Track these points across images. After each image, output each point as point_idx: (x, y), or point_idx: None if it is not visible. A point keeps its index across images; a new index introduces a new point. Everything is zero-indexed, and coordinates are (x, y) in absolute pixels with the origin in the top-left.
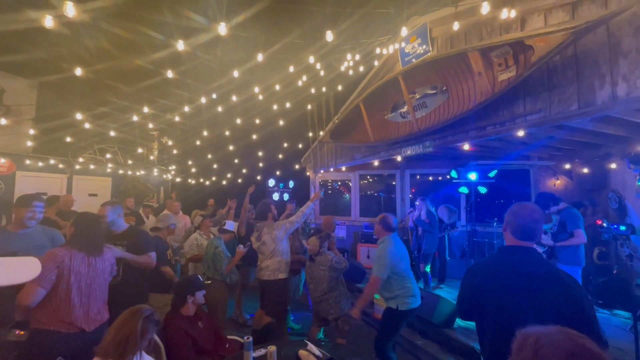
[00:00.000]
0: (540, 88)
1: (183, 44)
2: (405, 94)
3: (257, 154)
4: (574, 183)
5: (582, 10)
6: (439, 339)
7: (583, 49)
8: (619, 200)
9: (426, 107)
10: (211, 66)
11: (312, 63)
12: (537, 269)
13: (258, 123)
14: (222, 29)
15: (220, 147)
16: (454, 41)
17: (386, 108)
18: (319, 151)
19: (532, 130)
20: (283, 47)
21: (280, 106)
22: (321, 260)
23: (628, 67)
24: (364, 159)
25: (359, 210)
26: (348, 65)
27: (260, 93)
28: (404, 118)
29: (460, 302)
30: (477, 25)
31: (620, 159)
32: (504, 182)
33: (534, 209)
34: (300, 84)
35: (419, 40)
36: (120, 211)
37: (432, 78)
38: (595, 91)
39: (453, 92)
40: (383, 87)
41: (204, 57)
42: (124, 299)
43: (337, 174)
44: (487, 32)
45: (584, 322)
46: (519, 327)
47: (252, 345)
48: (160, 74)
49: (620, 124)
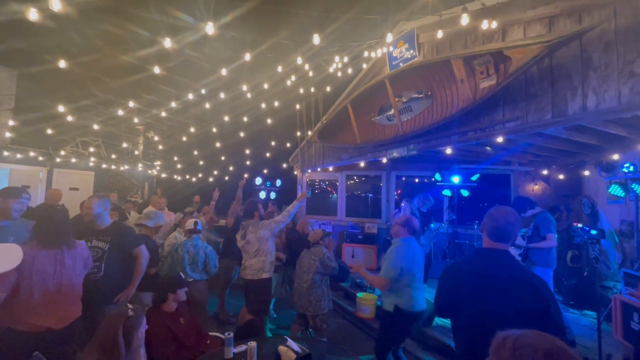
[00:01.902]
0: (518, 97)
1: (170, 41)
2: (391, 98)
3: (245, 151)
4: (551, 188)
5: (558, 25)
6: (418, 337)
7: (558, 62)
8: (592, 205)
9: (411, 111)
10: (199, 63)
11: (301, 64)
12: (508, 271)
13: (246, 121)
14: (209, 28)
15: (207, 144)
16: (439, 48)
17: (373, 110)
18: (307, 151)
19: (510, 136)
20: (271, 47)
21: (269, 105)
22: (315, 250)
23: (597, 81)
24: (350, 160)
25: (345, 210)
26: (337, 67)
27: (249, 91)
28: (390, 121)
29: (437, 301)
30: (462, 34)
31: (593, 166)
32: (486, 186)
33: (510, 212)
34: (289, 84)
35: (406, 45)
36: (107, 205)
37: (417, 83)
38: (568, 102)
39: (437, 97)
40: (370, 90)
41: (192, 55)
42: (107, 295)
43: (324, 174)
44: (471, 40)
45: (550, 322)
46: (489, 326)
47: (233, 341)
48: (147, 70)
49: (593, 133)
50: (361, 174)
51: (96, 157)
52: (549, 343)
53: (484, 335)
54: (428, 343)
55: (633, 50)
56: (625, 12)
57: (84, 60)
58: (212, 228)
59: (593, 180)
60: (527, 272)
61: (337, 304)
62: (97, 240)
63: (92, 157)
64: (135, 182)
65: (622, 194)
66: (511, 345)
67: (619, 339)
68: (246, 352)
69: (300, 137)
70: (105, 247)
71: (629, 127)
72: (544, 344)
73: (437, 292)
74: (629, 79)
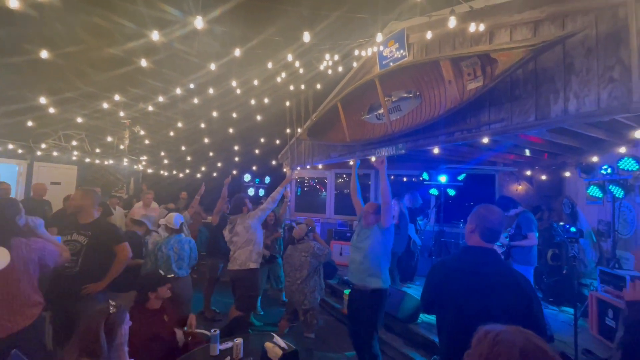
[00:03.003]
0: (504, 99)
1: (158, 35)
2: (381, 97)
3: (234, 148)
4: (534, 188)
5: (543, 29)
6: (403, 334)
7: (542, 65)
8: (572, 206)
9: (400, 111)
10: (187, 58)
11: (291, 61)
12: (494, 269)
13: (235, 117)
14: (198, 22)
15: (195, 139)
16: (429, 48)
17: (363, 109)
18: (296, 148)
19: (496, 137)
20: (261, 43)
21: (259, 101)
22: (304, 247)
23: (579, 85)
24: (340, 158)
25: (333, 208)
26: (327, 64)
27: (238, 87)
28: (379, 120)
29: (424, 297)
30: (450, 35)
31: (573, 168)
32: (472, 185)
33: (500, 213)
34: (279, 81)
35: (396, 45)
36: (95, 200)
37: (407, 83)
38: (551, 105)
39: (425, 97)
40: (361, 89)
41: (180, 49)
42: (81, 290)
43: (314, 171)
44: (459, 42)
45: (532, 319)
46: (474, 322)
47: (219, 338)
48: (134, 63)
49: (574, 135)
50: (350, 172)
51: (79, 151)
52: (527, 341)
53: (469, 332)
54: (413, 339)
55: (612, 56)
56: (606, 19)
57: (67, 52)
58: (200, 224)
59: (573, 181)
60: (512, 270)
61: (324, 301)
62: (77, 234)
63: (75, 151)
64: (120, 177)
65: (600, 195)
66: (491, 340)
67: (595, 334)
68: (232, 349)
69: (290, 134)
70: (84, 241)
71: (608, 130)
72: (522, 341)
73: (424, 288)
74: (608, 84)
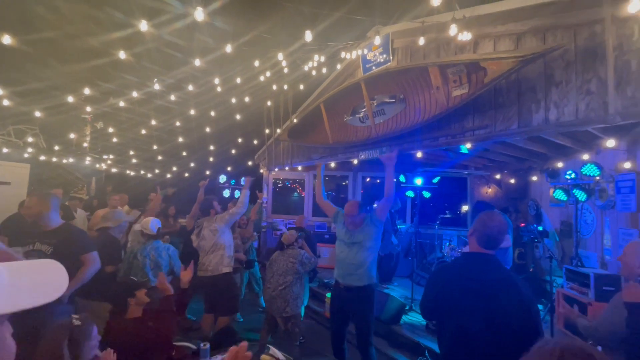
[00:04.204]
0: (488, 106)
1: (139, 24)
2: (366, 100)
3: (209, 147)
4: (502, 191)
5: (525, 42)
6: (386, 335)
7: (524, 75)
8: (537, 208)
9: (384, 114)
10: (166, 52)
11: (277, 59)
12: (493, 276)
13: (213, 115)
14: (184, 15)
15: (168, 138)
16: (413, 54)
17: (346, 112)
18: (275, 149)
19: (479, 143)
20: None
21: (239, 100)
22: (293, 253)
23: (558, 96)
24: (321, 160)
25: (311, 210)
26: (312, 65)
27: (219, 85)
28: (362, 123)
29: (424, 303)
30: (436, 42)
31: (539, 172)
32: (445, 188)
33: (502, 221)
34: (262, 80)
35: (380, 49)
36: (56, 204)
37: (391, 87)
38: (532, 114)
39: (410, 102)
40: (345, 91)
41: (158, 42)
42: (48, 306)
43: (291, 173)
44: (444, 49)
45: (530, 324)
46: (474, 329)
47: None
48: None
49: (543, 142)
50: (329, 173)
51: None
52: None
53: (470, 338)
54: (397, 340)
55: (590, 70)
56: (584, 35)
57: (30, 38)
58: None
59: (538, 184)
60: (512, 276)
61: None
62: (40, 243)
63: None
64: (80, 176)
65: (564, 198)
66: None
67: (561, 329)
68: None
69: (268, 134)
70: (48, 251)
71: (573, 138)
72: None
73: (424, 294)
74: (586, 96)
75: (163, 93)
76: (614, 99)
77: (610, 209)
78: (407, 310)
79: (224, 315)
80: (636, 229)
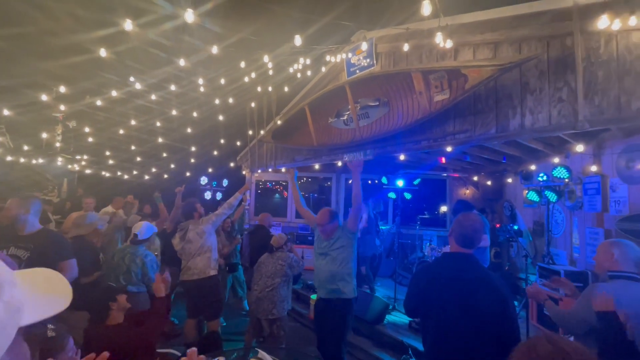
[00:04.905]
0: (467, 111)
1: (120, 24)
2: (351, 103)
3: (190, 148)
4: (479, 192)
5: (502, 51)
6: (371, 335)
7: (502, 83)
8: (511, 208)
9: (368, 118)
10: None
11: (262, 61)
12: (472, 274)
13: (195, 116)
14: (170, 16)
15: (147, 138)
16: (396, 59)
17: (330, 114)
18: (257, 150)
19: (459, 147)
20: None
21: (223, 101)
22: (282, 255)
23: (533, 103)
24: (305, 162)
25: (294, 211)
26: (297, 68)
27: (203, 86)
28: (346, 125)
29: (408, 302)
30: (418, 48)
31: (514, 174)
32: (425, 189)
33: (477, 220)
34: (247, 81)
35: (364, 54)
36: (36, 208)
37: (375, 91)
38: (509, 119)
39: (393, 105)
40: (329, 94)
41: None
42: None
43: (274, 174)
44: (426, 55)
45: (507, 320)
46: (455, 325)
47: None
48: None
49: (517, 146)
50: (312, 175)
51: (0, 148)
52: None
53: (452, 334)
54: (381, 340)
55: (561, 79)
56: (555, 46)
57: (3, 34)
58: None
59: (513, 186)
60: (489, 274)
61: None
62: (15, 247)
63: None
64: (50, 177)
65: (537, 199)
66: None
67: (534, 323)
68: None
69: (252, 136)
70: (24, 256)
71: (545, 143)
72: None
73: (407, 293)
74: (558, 103)
75: (144, 92)
76: (583, 107)
77: (579, 209)
78: (390, 310)
79: (211, 319)
80: (602, 228)
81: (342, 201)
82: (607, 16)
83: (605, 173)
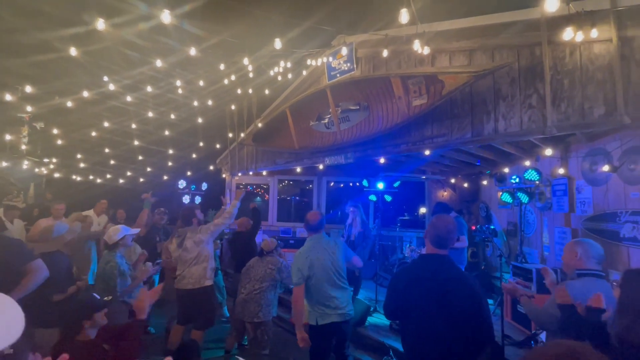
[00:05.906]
0: (444, 116)
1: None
2: (332, 107)
3: (168, 151)
4: (457, 194)
5: (476, 58)
6: (352, 338)
7: (476, 89)
8: (487, 209)
9: (349, 121)
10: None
11: (242, 64)
12: (447, 274)
13: (173, 118)
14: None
15: (122, 140)
16: (376, 64)
17: (311, 117)
18: (238, 153)
19: (437, 150)
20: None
21: (202, 103)
22: (272, 260)
23: (506, 108)
24: (286, 165)
25: (276, 215)
26: (278, 71)
27: (181, 87)
28: (328, 129)
29: (387, 304)
30: (397, 54)
31: (489, 177)
32: (405, 192)
33: (450, 221)
34: (227, 83)
35: (345, 58)
36: None
37: (355, 95)
38: (484, 124)
39: (373, 109)
40: (311, 97)
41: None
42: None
43: (255, 177)
44: (405, 61)
45: (481, 319)
46: (433, 325)
47: None
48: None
49: (491, 149)
50: (293, 178)
51: None
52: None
53: (430, 334)
54: (362, 341)
55: (531, 86)
56: (525, 55)
57: None
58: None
59: (488, 188)
60: (464, 275)
61: None
62: None
63: None
64: (14, 181)
65: (510, 201)
66: None
67: (509, 320)
68: None
69: (232, 138)
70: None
71: (517, 146)
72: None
73: (387, 296)
74: (528, 109)
75: (118, 94)
76: (551, 113)
77: (548, 210)
78: (372, 311)
79: (200, 329)
80: (569, 227)
81: (324, 204)
82: (572, 28)
83: (571, 175)
